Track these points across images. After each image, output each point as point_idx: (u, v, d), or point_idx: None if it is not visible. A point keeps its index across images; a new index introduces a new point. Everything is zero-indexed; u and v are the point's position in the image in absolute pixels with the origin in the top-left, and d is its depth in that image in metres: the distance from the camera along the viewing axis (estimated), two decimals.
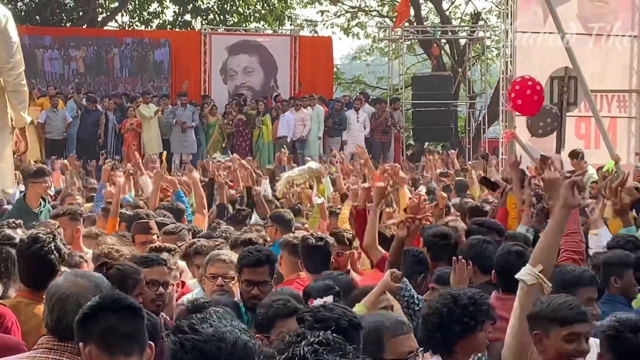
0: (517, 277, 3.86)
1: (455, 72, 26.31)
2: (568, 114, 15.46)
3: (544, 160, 13.14)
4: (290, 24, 29.97)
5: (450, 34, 27.19)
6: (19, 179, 11.34)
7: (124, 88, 23.03)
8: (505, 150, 17.54)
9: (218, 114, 21.24)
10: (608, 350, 3.69)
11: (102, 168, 15.77)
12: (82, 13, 27.99)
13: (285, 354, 2.45)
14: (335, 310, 3.64)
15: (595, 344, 3.94)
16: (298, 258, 5.99)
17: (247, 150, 20.39)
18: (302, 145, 21.27)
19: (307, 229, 8.14)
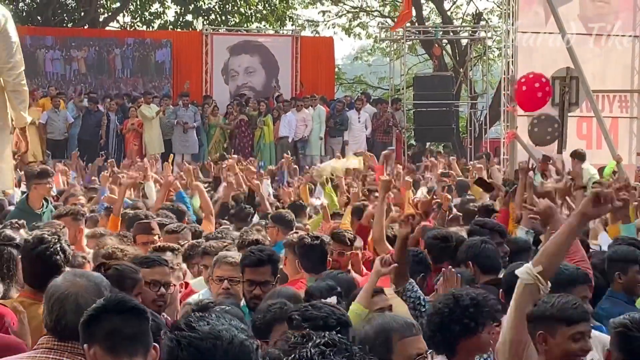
0: (516, 273, 3.88)
1: (457, 72, 26.28)
2: (570, 114, 15.48)
3: (546, 161, 13.18)
4: (292, 24, 29.95)
5: (452, 34, 27.15)
6: (20, 180, 11.35)
7: (126, 88, 23.01)
8: (507, 151, 17.51)
9: (219, 115, 21.25)
10: (617, 349, 3.70)
11: (100, 168, 15.89)
12: (83, 13, 27.98)
13: (292, 356, 2.46)
14: (323, 309, 3.66)
15: (598, 341, 3.96)
16: None
17: (248, 151, 20.39)
18: (303, 146, 21.27)
19: (308, 230, 8.13)
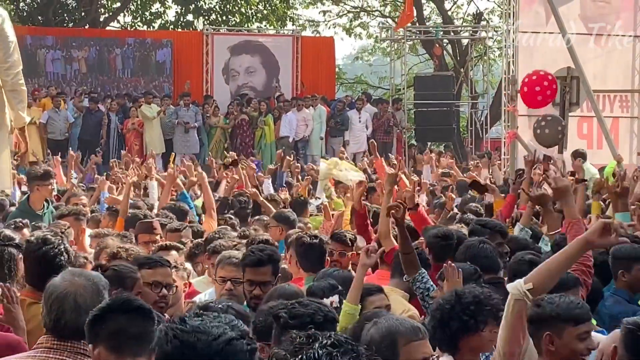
0: (507, 287, 3.86)
1: (458, 72, 26.29)
2: (570, 114, 15.48)
3: (547, 161, 13.20)
4: (293, 24, 29.96)
5: (453, 34, 27.16)
6: (21, 181, 11.35)
7: (126, 88, 23.01)
8: (508, 151, 17.52)
9: (220, 115, 21.26)
10: (625, 347, 3.70)
11: (99, 166, 15.90)
12: (84, 13, 27.97)
13: (299, 357, 2.46)
14: (310, 306, 3.67)
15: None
16: None
17: (249, 151, 20.40)
18: (304, 146, 21.28)
19: (309, 229, 8.13)
